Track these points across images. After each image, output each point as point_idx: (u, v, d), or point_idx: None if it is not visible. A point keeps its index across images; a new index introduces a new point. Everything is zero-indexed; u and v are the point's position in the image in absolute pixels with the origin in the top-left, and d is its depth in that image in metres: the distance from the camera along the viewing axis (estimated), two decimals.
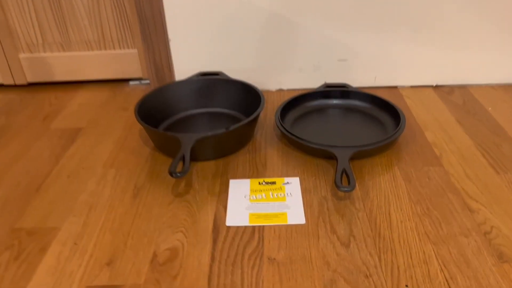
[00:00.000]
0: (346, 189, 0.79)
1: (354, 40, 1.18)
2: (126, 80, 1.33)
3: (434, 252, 0.71)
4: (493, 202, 0.80)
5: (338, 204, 0.81)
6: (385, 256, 0.70)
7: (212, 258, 0.71)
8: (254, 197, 0.84)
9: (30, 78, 1.31)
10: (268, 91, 1.26)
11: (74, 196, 0.87)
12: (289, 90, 1.26)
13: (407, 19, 1.14)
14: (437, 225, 0.76)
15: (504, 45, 1.17)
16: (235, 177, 0.90)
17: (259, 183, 0.88)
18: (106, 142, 1.04)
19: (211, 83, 1.12)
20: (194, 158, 0.94)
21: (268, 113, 1.14)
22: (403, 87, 1.25)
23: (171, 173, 0.79)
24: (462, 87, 1.23)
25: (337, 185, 0.80)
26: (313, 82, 1.24)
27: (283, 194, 0.84)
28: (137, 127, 1.10)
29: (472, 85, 1.23)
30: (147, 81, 1.30)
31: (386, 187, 0.85)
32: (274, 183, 0.88)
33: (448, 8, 1.12)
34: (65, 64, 1.28)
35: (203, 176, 0.91)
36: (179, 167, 0.83)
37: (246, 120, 0.93)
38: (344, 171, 0.84)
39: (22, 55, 1.27)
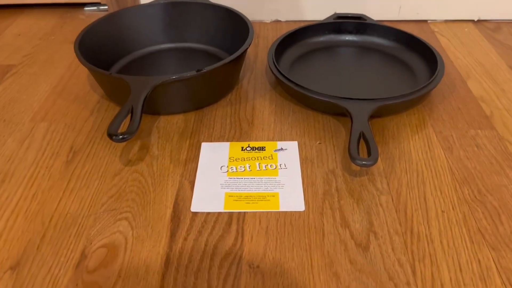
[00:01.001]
0: (365, 162, 0.55)
1: None
2: (81, 6, 1.04)
3: (494, 261, 0.48)
4: None
5: (352, 183, 0.58)
6: (422, 266, 0.47)
7: (167, 263, 0.48)
8: (234, 169, 0.60)
9: None
10: (261, 23, 0.98)
11: None
12: (288, 22, 0.98)
13: None
14: (496, 219, 0.52)
15: None
16: (210, 139, 0.65)
17: (242, 148, 0.63)
18: (42, 85, 0.78)
19: (184, 9, 0.84)
20: (156, 110, 0.69)
21: (259, 52, 0.87)
22: (435, 22, 0.97)
23: (110, 136, 0.54)
24: (511, 23, 0.95)
25: (352, 156, 0.55)
26: (320, 12, 0.96)
27: (274, 166, 0.60)
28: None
29: None
30: (106, 7, 1.02)
31: (418, 159, 0.61)
32: (262, 149, 0.63)
33: None
34: None
35: (165, 136, 0.66)
36: (124, 126, 0.57)
37: (227, 59, 0.66)
38: (361, 136, 0.59)
39: None
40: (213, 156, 0.62)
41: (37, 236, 0.52)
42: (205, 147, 0.64)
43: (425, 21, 0.97)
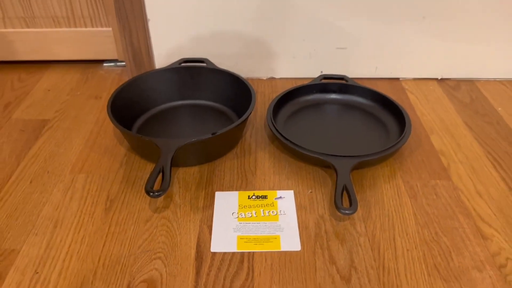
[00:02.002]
0: (347, 211, 0.70)
1: (354, 26, 1.05)
2: (100, 62, 1.19)
3: None
4: (507, 226, 0.72)
5: (337, 226, 0.73)
6: None
7: None
8: (243, 215, 0.74)
9: None
10: (258, 79, 1.14)
11: (37, 208, 0.76)
12: (281, 79, 1.14)
13: (412, 5, 1.02)
14: (447, 256, 0.68)
15: None
16: (222, 188, 0.80)
17: (249, 197, 0.78)
18: (76, 138, 0.92)
19: (196, 73, 1.00)
20: (175, 163, 0.83)
21: (258, 107, 1.03)
22: (406, 79, 1.14)
23: (148, 192, 0.69)
24: (469, 81, 1.13)
25: (337, 206, 0.71)
26: (309, 71, 1.12)
27: (275, 212, 0.75)
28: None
29: (479, 79, 1.14)
30: (123, 63, 1.17)
31: (390, 205, 0.77)
32: (265, 197, 0.78)
33: None
34: (29, 41, 1.13)
35: (185, 187, 0.80)
36: (158, 182, 0.72)
37: (234, 124, 0.82)
38: (344, 188, 0.74)
39: None
40: (226, 203, 0.77)
41: (90, 273, 0.65)
42: (219, 195, 0.78)
43: (397, 79, 1.14)
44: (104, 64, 1.18)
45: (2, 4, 1.07)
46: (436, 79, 1.14)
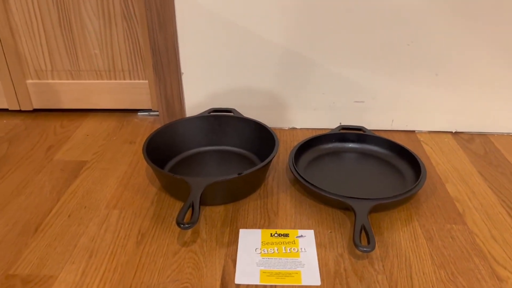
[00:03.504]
0: (365, 249, 0.74)
1: (372, 82, 1.14)
2: (135, 111, 1.29)
3: None
4: None
5: (356, 264, 0.76)
6: None
7: None
8: (266, 251, 0.78)
9: (37, 104, 1.27)
10: (280, 129, 1.22)
11: (74, 239, 0.82)
12: (302, 129, 1.22)
13: (426, 62, 1.10)
14: None
15: None
16: (246, 226, 0.85)
17: (271, 234, 0.83)
18: (111, 178, 1.00)
19: (223, 121, 1.08)
20: (203, 202, 0.89)
21: (280, 154, 1.10)
22: (421, 132, 1.20)
23: (178, 224, 0.74)
24: (483, 135, 1.18)
25: (356, 244, 0.75)
26: (328, 122, 1.20)
27: (296, 249, 0.79)
28: (143, 163, 1.05)
29: (493, 133, 1.19)
30: (156, 113, 1.27)
31: (406, 246, 0.80)
32: (287, 235, 0.82)
33: (470, 53, 1.09)
34: (73, 91, 1.25)
35: (211, 223, 0.86)
36: (187, 216, 0.78)
37: (259, 165, 0.88)
38: (363, 228, 0.78)
39: (29, 81, 1.24)
40: (249, 240, 0.81)
41: None
42: (243, 233, 0.83)
43: (413, 131, 1.20)
44: (139, 113, 1.28)
45: (51, 58, 1.20)
46: (451, 132, 1.20)
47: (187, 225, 0.74)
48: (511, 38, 1.06)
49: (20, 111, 1.29)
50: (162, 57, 1.12)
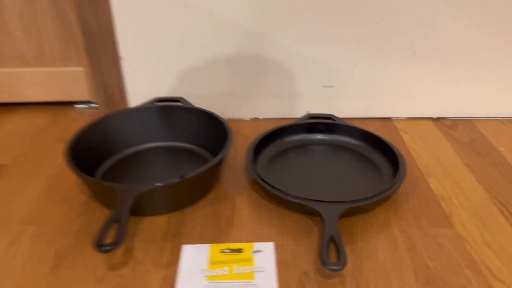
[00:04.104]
0: (334, 267, 0.59)
1: (342, 64, 0.99)
2: (72, 103, 1.12)
3: None
4: None
5: (324, 285, 0.62)
6: None
7: None
8: (214, 273, 0.63)
9: None
10: (240, 120, 1.06)
11: None
12: (265, 120, 1.06)
13: (403, 38, 0.96)
14: None
15: None
16: (191, 240, 0.70)
17: (221, 251, 0.67)
18: (32, 185, 0.82)
19: (169, 112, 0.92)
20: (139, 212, 0.73)
21: (238, 150, 0.94)
22: (399, 119, 1.06)
23: (96, 246, 0.58)
24: (467, 121, 1.05)
25: (323, 262, 0.60)
26: (294, 111, 1.05)
27: (251, 269, 0.64)
28: None
29: (477, 118, 1.06)
30: (96, 105, 1.09)
31: (384, 259, 0.66)
32: (240, 250, 0.67)
33: (452, 30, 0.95)
34: None
35: (148, 239, 0.70)
36: (111, 235, 0.61)
37: (206, 166, 0.72)
38: (332, 239, 0.64)
39: None
40: (194, 259, 0.66)
41: None
42: (186, 250, 0.68)
43: (389, 118, 1.06)
44: (76, 106, 1.11)
45: None
46: (431, 118, 1.07)
47: (107, 248, 0.58)
48: (500, 11, 0.93)
49: None
50: (95, 39, 0.95)
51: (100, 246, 0.58)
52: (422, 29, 0.95)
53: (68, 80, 1.06)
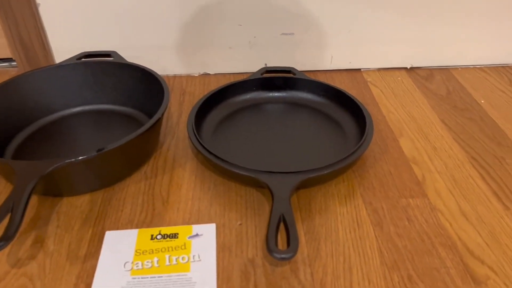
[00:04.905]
0: (282, 256, 0.49)
1: (303, 8, 0.85)
2: None
3: None
4: (505, 261, 0.52)
5: (273, 275, 0.51)
6: None
7: None
8: (140, 266, 0.52)
9: None
10: (189, 76, 0.92)
11: None
12: (217, 75, 0.93)
13: None
14: None
15: (495, 15, 0.88)
16: (117, 225, 0.58)
17: (152, 237, 0.56)
18: None
19: (99, 70, 0.77)
20: (57, 192, 0.61)
21: (184, 111, 0.81)
22: (368, 70, 0.94)
23: None
24: (444, 70, 0.94)
25: (268, 248, 0.49)
26: (249, 64, 0.91)
27: (187, 258, 0.53)
28: None
29: (456, 66, 0.94)
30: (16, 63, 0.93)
31: (346, 238, 0.56)
32: (175, 236, 0.56)
33: None
34: None
35: (65, 225, 0.58)
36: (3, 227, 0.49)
37: (132, 135, 0.59)
38: (282, 219, 0.53)
39: None
40: (117, 249, 0.54)
41: None
42: (109, 237, 0.56)
43: (358, 69, 0.94)
44: None
45: None
46: (405, 68, 0.94)
47: None
48: None
49: None
50: None
51: None
52: None
53: None
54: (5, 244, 0.46)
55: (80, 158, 0.55)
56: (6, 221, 0.49)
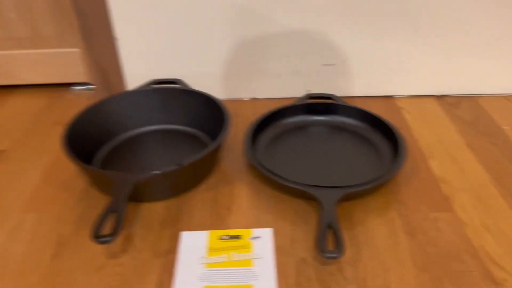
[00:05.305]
0: (332, 255, 0.59)
1: (343, 41, 0.96)
2: (69, 85, 1.10)
3: None
4: None
5: (322, 272, 0.62)
6: None
7: None
8: (212, 260, 0.64)
9: None
10: (240, 101, 1.05)
11: None
12: (264, 100, 1.05)
13: (406, 16, 0.93)
14: None
15: None
16: (190, 227, 0.70)
17: (220, 237, 0.68)
18: (32, 171, 0.83)
19: (167, 95, 0.90)
20: (138, 199, 0.73)
21: (238, 131, 0.93)
22: (401, 97, 1.04)
23: (93, 238, 0.58)
24: (471, 98, 1.03)
25: (320, 249, 0.60)
26: (294, 90, 1.03)
27: (249, 255, 0.64)
28: None
29: (482, 95, 1.04)
30: (94, 87, 1.08)
31: (383, 245, 0.66)
32: (238, 237, 0.67)
33: (457, 4, 0.91)
34: None
35: (147, 226, 0.70)
36: (109, 225, 0.62)
37: (204, 152, 0.72)
38: (329, 225, 0.64)
39: None
40: (192, 246, 0.66)
41: None
42: (185, 236, 0.68)
43: (391, 96, 1.04)
44: (73, 88, 1.09)
45: None
46: (435, 96, 1.04)
47: (104, 239, 0.58)
48: None
49: None
50: (90, 19, 0.92)
51: (97, 237, 0.58)
52: (426, 4, 0.91)
53: (64, 62, 1.04)
54: (112, 239, 0.59)
55: (164, 171, 0.68)
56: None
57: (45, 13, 0.98)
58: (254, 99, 1.05)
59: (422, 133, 0.91)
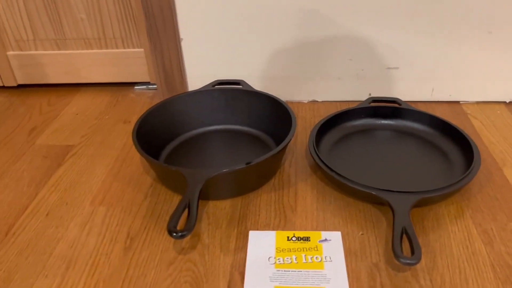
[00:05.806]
0: (409, 261, 0.57)
1: (408, 44, 0.94)
2: (132, 84, 1.13)
3: None
4: None
5: (396, 278, 0.60)
6: None
7: None
8: (281, 261, 0.63)
9: (21, 79, 1.12)
10: (299, 103, 1.04)
11: (50, 245, 0.68)
12: (324, 103, 1.04)
13: (473, 19, 0.90)
14: None
15: None
16: (257, 226, 0.69)
17: (288, 238, 0.67)
18: (100, 166, 0.85)
19: (231, 96, 0.91)
20: (205, 196, 0.74)
21: (299, 134, 0.93)
22: (467, 103, 1.01)
23: (170, 232, 0.59)
24: None
25: (396, 255, 0.58)
26: (355, 94, 1.01)
27: (320, 258, 0.63)
28: None
29: None
30: (155, 86, 1.10)
31: (459, 253, 0.63)
32: (307, 239, 0.66)
33: None
34: (60, 64, 1.09)
35: (215, 223, 0.70)
36: (183, 219, 0.62)
37: (273, 152, 0.71)
38: (404, 231, 0.62)
39: (10, 53, 1.08)
40: (261, 245, 0.66)
41: None
42: (253, 236, 0.67)
43: (457, 102, 1.01)
44: (135, 87, 1.12)
45: (32, 25, 1.04)
46: (504, 102, 1.00)
47: (180, 234, 0.59)
48: None
49: (3, 87, 1.15)
50: (156, 20, 0.94)
51: (174, 232, 0.59)
52: (499, 7, 0.88)
53: (129, 61, 1.07)
54: (188, 233, 0.59)
55: (233, 168, 0.68)
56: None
57: (113, 15, 1.01)
58: (314, 102, 1.04)
59: (493, 141, 0.87)
